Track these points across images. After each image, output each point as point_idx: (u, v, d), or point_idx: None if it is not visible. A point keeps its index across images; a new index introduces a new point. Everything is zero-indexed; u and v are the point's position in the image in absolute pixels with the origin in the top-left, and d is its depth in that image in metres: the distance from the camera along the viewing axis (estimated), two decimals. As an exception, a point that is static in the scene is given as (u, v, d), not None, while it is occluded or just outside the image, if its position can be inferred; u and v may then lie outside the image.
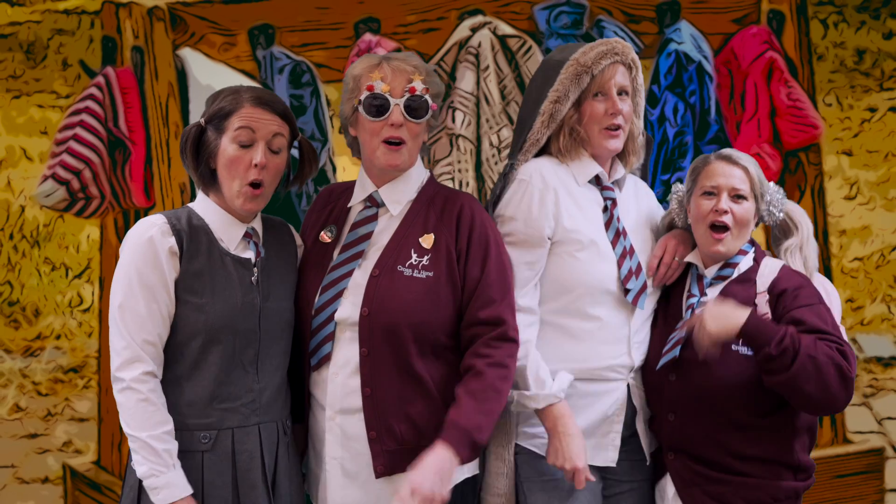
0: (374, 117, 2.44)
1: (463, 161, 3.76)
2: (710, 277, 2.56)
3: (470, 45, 3.76)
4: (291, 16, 3.83)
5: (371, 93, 2.44)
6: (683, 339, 2.49)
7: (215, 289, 2.32)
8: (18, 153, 3.93)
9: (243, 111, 2.35)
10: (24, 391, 3.89)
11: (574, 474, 2.39)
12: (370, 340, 2.40)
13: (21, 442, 3.87)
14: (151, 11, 3.82)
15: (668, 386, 2.51)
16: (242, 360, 2.35)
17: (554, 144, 2.62)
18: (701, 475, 2.49)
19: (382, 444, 2.40)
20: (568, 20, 3.81)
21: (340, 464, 2.45)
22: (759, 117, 3.82)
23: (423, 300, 2.40)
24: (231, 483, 2.33)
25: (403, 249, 2.46)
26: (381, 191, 2.51)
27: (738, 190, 2.53)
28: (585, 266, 2.52)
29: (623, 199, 2.67)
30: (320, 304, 2.45)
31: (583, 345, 2.54)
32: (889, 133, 3.89)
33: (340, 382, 2.43)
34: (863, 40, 3.90)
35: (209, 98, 2.42)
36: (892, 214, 3.88)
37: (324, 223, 2.57)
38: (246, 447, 2.35)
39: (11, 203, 3.90)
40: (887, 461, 3.84)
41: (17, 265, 3.89)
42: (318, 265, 2.51)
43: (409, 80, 2.45)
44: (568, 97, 2.58)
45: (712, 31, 3.85)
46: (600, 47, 2.60)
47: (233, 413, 2.34)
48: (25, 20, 3.92)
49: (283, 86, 3.82)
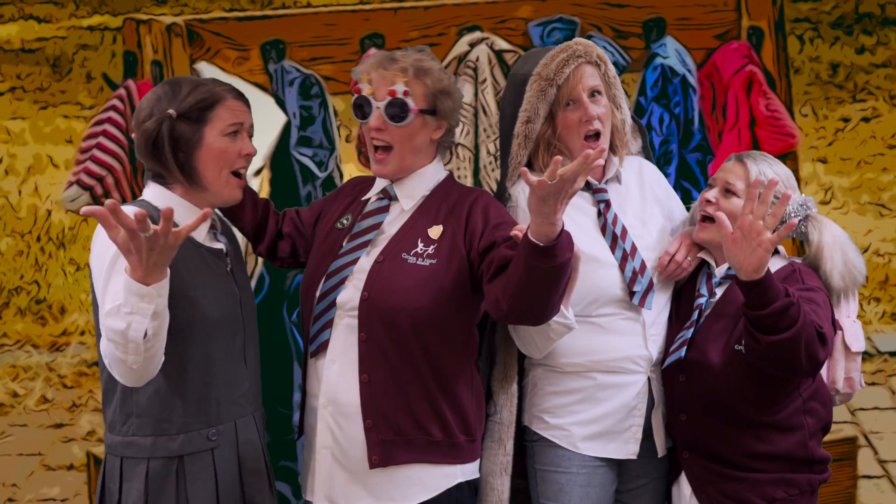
0: (359, 119, 2.38)
1: (462, 168, 3.76)
2: (719, 276, 2.49)
3: (468, 60, 3.75)
4: (301, 32, 3.82)
5: (357, 95, 2.38)
6: (688, 340, 2.43)
7: (202, 281, 2.23)
8: (45, 161, 3.92)
9: (229, 103, 2.26)
10: (51, 384, 3.89)
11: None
12: (368, 325, 2.31)
13: (48, 431, 3.89)
14: (170, 28, 3.81)
15: (678, 386, 2.46)
16: (234, 351, 2.29)
17: (536, 163, 2.51)
18: (716, 473, 2.43)
19: (379, 432, 2.31)
20: (560, 36, 3.78)
21: (331, 453, 2.37)
22: (740, 127, 3.83)
23: (423, 287, 2.31)
24: (238, 475, 2.29)
25: (411, 238, 2.37)
26: (395, 185, 2.43)
27: (731, 185, 2.46)
28: (587, 278, 2.40)
29: (624, 192, 2.56)
30: (324, 290, 2.38)
31: (598, 339, 2.46)
32: (861, 142, 3.89)
33: (336, 371, 2.35)
34: (837, 55, 3.90)
35: (168, 89, 2.25)
36: (864, 218, 3.89)
37: (342, 212, 2.50)
38: (248, 437, 2.31)
39: (39, 207, 3.90)
40: (860, 449, 3.85)
41: (43, 265, 3.89)
42: (327, 251, 2.44)
43: (392, 83, 2.34)
44: (539, 114, 2.46)
45: (696, 46, 3.83)
46: (560, 55, 2.45)
47: (233, 405, 2.28)
48: (52, 36, 3.91)
49: (294, 97, 3.81)
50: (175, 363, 2.18)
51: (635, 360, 2.48)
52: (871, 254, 3.90)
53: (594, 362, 2.46)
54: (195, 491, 2.21)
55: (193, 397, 2.22)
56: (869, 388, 3.77)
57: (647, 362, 2.49)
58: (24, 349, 3.92)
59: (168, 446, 2.20)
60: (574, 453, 2.47)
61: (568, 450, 2.47)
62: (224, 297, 2.27)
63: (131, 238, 1.86)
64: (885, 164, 3.92)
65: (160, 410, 2.20)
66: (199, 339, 2.21)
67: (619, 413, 2.48)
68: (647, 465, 2.55)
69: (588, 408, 2.48)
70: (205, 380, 2.23)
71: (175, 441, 2.20)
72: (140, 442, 2.20)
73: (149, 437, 2.19)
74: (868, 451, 3.91)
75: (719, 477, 2.43)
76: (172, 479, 2.20)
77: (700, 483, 2.46)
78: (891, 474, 3.90)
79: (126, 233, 1.86)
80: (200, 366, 2.22)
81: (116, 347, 1.97)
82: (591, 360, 2.46)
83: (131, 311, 1.92)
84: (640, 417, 2.49)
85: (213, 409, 2.24)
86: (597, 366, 2.46)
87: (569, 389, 2.49)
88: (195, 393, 2.22)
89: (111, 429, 2.25)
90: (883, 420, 3.90)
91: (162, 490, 2.20)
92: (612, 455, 2.49)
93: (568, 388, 2.49)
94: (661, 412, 2.53)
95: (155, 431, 2.20)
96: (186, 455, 2.21)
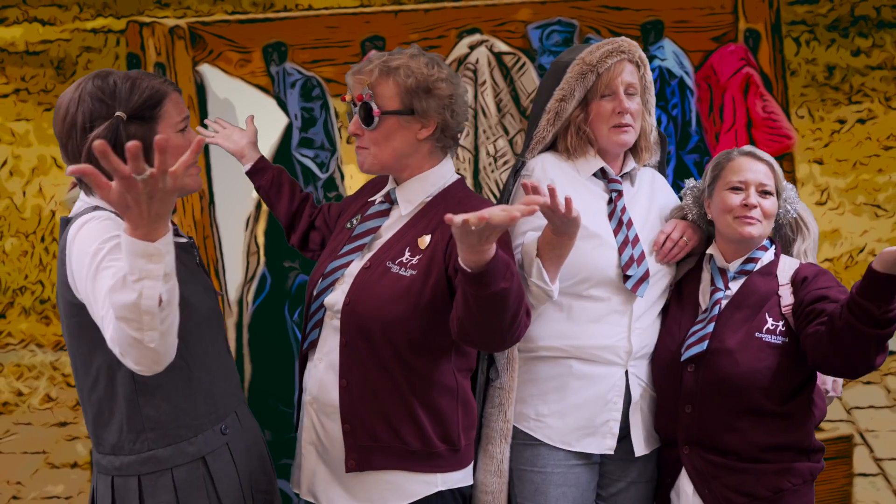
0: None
1: (462, 169, 3.76)
2: (734, 271, 2.48)
3: (468, 62, 3.76)
4: (303, 34, 3.83)
5: (345, 101, 2.38)
6: (710, 334, 2.42)
7: (184, 279, 2.06)
8: (49, 162, 3.93)
9: (173, 97, 2.13)
10: (55, 383, 3.89)
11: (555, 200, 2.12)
12: (349, 330, 2.30)
13: (52, 430, 3.89)
14: (173, 30, 3.82)
15: (686, 377, 2.43)
16: (221, 342, 2.27)
17: (561, 143, 2.52)
18: (720, 466, 2.41)
19: (356, 437, 2.30)
20: (559, 38, 3.80)
21: (315, 449, 2.38)
22: (737, 128, 3.83)
23: (399, 298, 2.27)
24: (251, 459, 2.28)
25: (400, 246, 2.34)
26: (397, 189, 2.41)
27: (765, 185, 2.48)
28: (586, 253, 2.42)
29: (635, 193, 2.57)
30: (318, 290, 2.39)
31: (580, 325, 2.45)
32: (857, 143, 3.92)
33: (322, 369, 2.35)
34: (833, 57, 3.92)
35: (110, 88, 2.07)
36: (859, 219, 3.91)
37: (356, 212, 2.51)
38: (248, 423, 2.30)
39: (43, 208, 3.91)
40: (855, 447, 3.87)
41: (47, 266, 3.90)
42: (331, 252, 2.45)
43: (361, 86, 2.33)
44: (573, 95, 2.47)
45: (693, 48, 3.85)
46: (606, 46, 2.48)
47: (231, 397, 2.26)
48: (56, 38, 3.93)
49: (295, 99, 3.82)
50: (180, 367, 2.11)
51: (615, 351, 2.45)
52: (866, 254, 3.92)
53: (572, 347, 2.44)
54: (224, 488, 2.18)
55: (201, 396, 2.18)
56: (864, 386, 3.82)
57: (627, 354, 2.46)
58: (29, 348, 3.90)
59: (188, 451, 2.15)
60: (550, 450, 2.47)
61: (544, 446, 2.47)
62: (204, 291, 2.22)
63: (127, 189, 1.66)
64: (881, 165, 3.94)
65: (174, 418, 2.14)
66: (195, 337, 2.16)
67: (594, 405, 2.45)
68: (627, 468, 2.53)
69: (561, 397, 2.46)
70: (207, 376, 2.20)
71: (194, 444, 2.16)
72: (160, 455, 2.13)
73: (168, 448, 2.13)
74: (864, 450, 3.93)
75: (724, 470, 2.41)
76: (201, 481, 2.15)
77: (703, 479, 2.44)
78: (886, 472, 3.91)
79: (120, 183, 1.65)
80: (201, 363, 2.18)
81: (129, 325, 1.75)
82: (568, 344, 2.44)
83: (139, 276, 1.71)
84: (617, 412, 2.46)
85: (218, 403, 2.21)
86: (574, 352, 2.44)
87: (543, 377, 2.47)
88: (202, 391, 2.18)
89: (116, 451, 2.14)
90: (878, 418, 3.92)
91: (193, 495, 2.15)
92: (588, 449, 2.46)
93: (542, 376, 2.47)
94: (640, 409, 2.51)
95: (173, 440, 2.14)
96: (207, 455, 2.17)
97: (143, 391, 2.10)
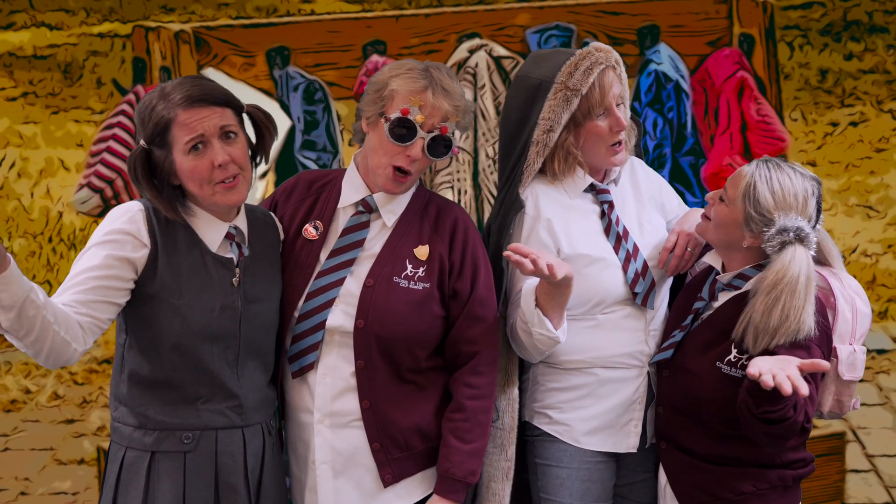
0: (396, 141, 2.22)
1: (461, 171, 3.77)
2: (723, 283, 2.39)
3: (468, 66, 3.76)
4: (305, 39, 3.85)
5: (404, 117, 2.21)
6: (678, 343, 2.40)
7: (193, 291, 2.13)
8: (57, 164, 3.95)
9: (180, 119, 2.08)
10: (62, 381, 3.92)
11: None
12: (367, 352, 2.24)
13: (59, 427, 3.91)
14: (178, 35, 3.84)
15: (661, 380, 2.44)
16: (224, 363, 2.19)
17: (549, 168, 2.45)
18: (687, 464, 2.40)
19: (388, 453, 2.26)
20: (557, 42, 3.81)
21: (332, 468, 2.29)
22: (731, 131, 3.85)
23: (419, 312, 2.25)
24: (213, 485, 2.19)
25: (398, 260, 2.29)
26: (376, 197, 2.32)
27: (723, 192, 2.36)
28: (594, 279, 2.39)
29: (620, 192, 2.52)
30: (306, 310, 2.27)
31: (602, 335, 2.43)
32: (849, 146, 3.94)
33: (330, 385, 2.27)
34: (826, 61, 3.95)
35: (139, 113, 2.13)
36: (852, 220, 3.93)
37: (304, 216, 2.35)
38: (229, 449, 2.20)
39: (51, 209, 3.93)
40: (847, 444, 3.88)
41: (55, 266, 3.92)
42: (303, 266, 2.31)
43: (445, 119, 2.24)
44: (560, 123, 2.38)
45: (688, 52, 3.87)
46: (584, 63, 2.37)
47: (218, 415, 2.18)
48: (63, 43, 3.95)
49: (298, 102, 3.84)
50: (154, 363, 2.14)
51: (635, 356, 2.45)
52: (858, 254, 3.93)
53: (595, 358, 2.44)
54: (162, 489, 2.15)
55: (171, 398, 2.16)
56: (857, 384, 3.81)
57: (647, 357, 2.46)
58: (37, 347, 3.98)
59: (143, 440, 2.16)
60: (576, 448, 2.45)
61: (569, 445, 2.45)
62: (216, 311, 2.16)
63: None
64: (873, 167, 3.96)
65: (137, 404, 2.16)
66: (181, 346, 2.14)
67: (621, 408, 2.45)
68: (646, 459, 2.52)
69: (591, 403, 2.45)
70: (186, 385, 2.16)
71: (150, 436, 2.16)
72: (122, 430, 2.18)
73: (129, 427, 2.17)
74: (856, 446, 3.94)
75: (690, 468, 2.40)
76: (143, 472, 2.15)
77: (674, 474, 2.43)
78: (878, 468, 3.93)
79: None
80: (182, 370, 2.15)
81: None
82: (592, 356, 2.44)
83: None
84: (640, 411, 2.47)
85: (192, 414, 2.17)
86: (598, 361, 2.44)
87: (571, 386, 2.46)
88: (173, 394, 2.16)
89: (111, 411, 2.25)
90: (870, 416, 3.94)
91: (132, 480, 2.16)
92: (613, 449, 2.47)
93: (570, 385, 2.46)
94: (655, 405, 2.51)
95: (135, 423, 2.16)
96: (158, 452, 2.16)
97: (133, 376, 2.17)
